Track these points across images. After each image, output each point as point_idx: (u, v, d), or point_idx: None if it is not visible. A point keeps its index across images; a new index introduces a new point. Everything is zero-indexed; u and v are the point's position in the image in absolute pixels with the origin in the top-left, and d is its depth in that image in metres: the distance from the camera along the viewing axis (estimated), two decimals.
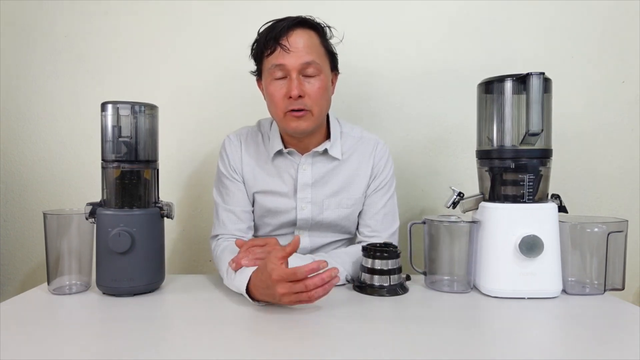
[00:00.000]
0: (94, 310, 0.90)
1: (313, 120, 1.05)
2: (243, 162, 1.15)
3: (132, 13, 1.47)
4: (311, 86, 1.03)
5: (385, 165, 1.16)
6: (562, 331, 0.83)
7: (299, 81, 1.02)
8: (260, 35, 1.06)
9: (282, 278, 0.82)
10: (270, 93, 1.05)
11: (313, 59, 1.02)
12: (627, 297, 1.42)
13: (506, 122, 1.01)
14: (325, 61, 1.07)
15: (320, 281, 0.82)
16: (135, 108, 0.99)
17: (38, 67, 1.48)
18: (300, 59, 1.01)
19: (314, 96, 1.04)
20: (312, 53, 1.03)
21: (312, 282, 0.81)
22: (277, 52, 1.02)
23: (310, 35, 1.04)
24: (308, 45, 1.03)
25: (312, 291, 0.82)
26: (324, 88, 1.05)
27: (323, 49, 1.07)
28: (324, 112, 1.10)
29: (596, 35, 1.44)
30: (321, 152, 1.13)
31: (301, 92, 1.02)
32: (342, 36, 1.16)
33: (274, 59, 1.03)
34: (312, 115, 1.05)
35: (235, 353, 0.70)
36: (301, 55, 1.01)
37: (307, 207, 1.12)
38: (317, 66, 1.03)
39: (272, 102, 1.06)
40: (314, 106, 1.04)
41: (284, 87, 1.03)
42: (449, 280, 1.04)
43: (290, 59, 1.01)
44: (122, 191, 0.99)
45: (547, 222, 0.97)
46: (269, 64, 1.04)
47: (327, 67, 1.08)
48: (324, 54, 1.07)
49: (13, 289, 1.51)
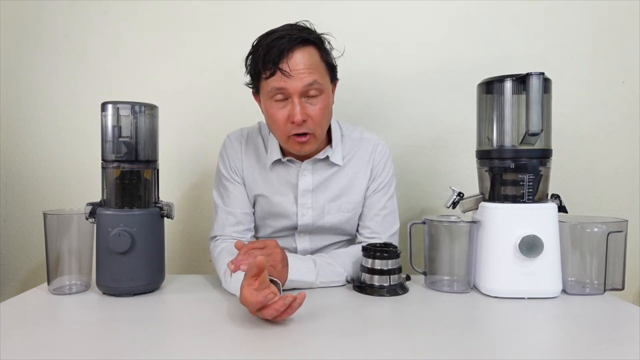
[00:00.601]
0: (94, 310, 0.90)
1: (316, 142, 1.04)
2: (244, 163, 1.14)
3: (132, 13, 1.47)
4: (313, 108, 1.00)
5: (384, 166, 1.15)
6: (562, 331, 0.83)
7: (301, 106, 0.98)
8: (257, 54, 0.99)
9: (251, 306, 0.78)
10: (271, 115, 1.02)
11: (315, 79, 0.98)
12: (627, 297, 1.42)
13: (506, 122, 1.01)
14: (326, 78, 1.03)
15: (275, 312, 0.77)
16: (135, 108, 0.99)
17: (38, 67, 1.48)
18: (302, 82, 0.97)
19: (317, 118, 1.01)
20: (314, 73, 0.98)
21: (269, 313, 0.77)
22: (277, 76, 0.97)
23: (310, 53, 0.99)
24: (309, 65, 0.98)
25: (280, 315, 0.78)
26: (326, 107, 1.02)
27: (324, 64, 1.03)
28: (326, 129, 1.08)
29: (596, 35, 1.44)
30: (322, 159, 1.12)
31: (304, 117, 0.99)
32: (343, 49, 1.12)
33: (273, 82, 0.98)
34: (315, 137, 1.03)
35: (235, 353, 0.70)
36: (302, 78, 0.97)
37: (308, 212, 1.12)
38: (319, 86, 0.99)
39: (273, 123, 1.03)
40: (316, 128, 1.02)
41: (285, 109, 1.00)
42: (449, 280, 1.04)
43: (291, 83, 0.97)
44: (122, 191, 0.99)
45: (547, 222, 0.97)
46: (268, 86, 0.99)
47: (328, 82, 1.05)
48: (325, 71, 1.03)
49: (13, 289, 1.51)
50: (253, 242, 0.98)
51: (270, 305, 0.77)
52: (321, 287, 1.02)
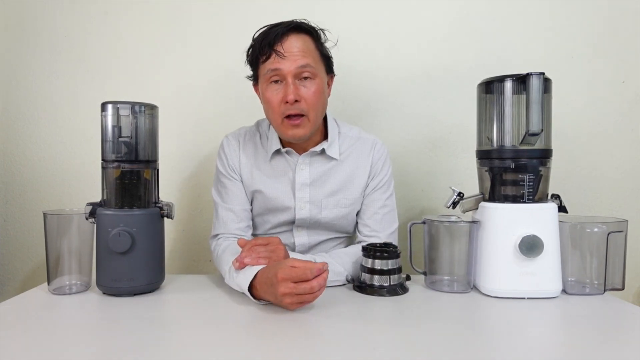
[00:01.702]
0: (94, 310, 0.90)
1: (310, 126, 1.07)
2: (241, 162, 1.15)
3: (132, 13, 1.47)
4: (307, 90, 1.04)
5: (383, 165, 1.17)
6: (562, 331, 0.83)
7: (294, 86, 1.03)
8: (255, 41, 1.07)
9: (288, 277, 0.82)
10: (267, 98, 1.06)
11: (308, 62, 1.03)
12: (627, 297, 1.42)
13: (506, 122, 1.01)
14: (320, 65, 1.08)
15: (324, 281, 0.83)
16: (135, 108, 0.99)
17: (38, 67, 1.48)
18: (295, 63, 1.02)
19: (310, 100, 1.04)
20: (307, 57, 1.03)
21: (318, 283, 0.82)
22: (272, 58, 1.03)
23: (304, 39, 1.05)
24: (302, 49, 1.03)
25: (317, 292, 0.82)
26: (319, 91, 1.06)
27: (318, 52, 1.07)
28: (320, 116, 1.10)
29: (596, 35, 1.44)
30: (319, 152, 1.13)
31: (297, 97, 1.02)
32: (336, 39, 1.16)
33: (269, 64, 1.03)
34: (309, 120, 1.06)
35: (235, 353, 0.70)
36: (296, 60, 1.02)
37: (306, 206, 1.13)
38: (312, 70, 1.04)
39: (269, 107, 1.07)
40: (310, 111, 1.05)
41: (280, 92, 1.04)
42: (449, 280, 1.04)
43: (285, 64, 1.02)
44: (122, 191, 0.99)
45: (547, 222, 0.97)
46: (264, 69, 1.05)
47: (323, 70, 1.09)
48: (319, 58, 1.08)
49: (13, 289, 1.51)
50: (256, 238, 0.99)
51: (320, 277, 0.82)
52: None
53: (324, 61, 1.10)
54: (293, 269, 0.82)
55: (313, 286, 0.81)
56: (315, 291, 0.82)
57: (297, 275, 0.81)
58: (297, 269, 0.82)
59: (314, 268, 0.81)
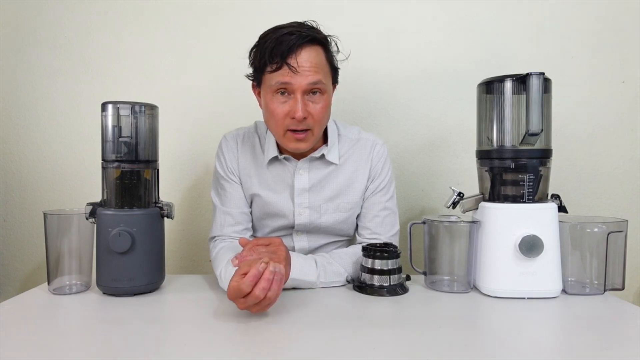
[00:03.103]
0: (94, 310, 0.90)
1: (313, 139, 1.05)
2: (240, 163, 1.14)
3: (132, 13, 1.47)
4: (315, 105, 1.01)
5: (383, 167, 1.15)
6: (562, 331, 0.83)
7: (304, 102, 0.99)
8: (264, 46, 0.99)
9: (234, 296, 0.80)
10: (271, 109, 1.02)
11: (320, 78, 0.99)
12: (627, 297, 1.42)
13: (506, 122, 1.01)
14: (329, 78, 1.04)
15: (267, 283, 0.78)
16: (135, 108, 0.99)
17: (38, 67, 1.48)
18: (307, 80, 0.98)
19: (317, 117, 1.02)
20: (318, 72, 0.99)
21: (260, 289, 0.78)
22: (283, 70, 0.98)
23: (317, 52, 1.00)
24: (315, 64, 0.99)
25: (266, 297, 0.79)
26: (326, 106, 1.03)
27: (328, 65, 1.04)
28: (323, 129, 1.08)
29: (596, 35, 1.44)
30: (318, 157, 1.11)
31: (306, 114, 0.99)
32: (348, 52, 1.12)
33: (278, 76, 0.98)
34: (313, 134, 1.04)
35: (235, 353, 0.70)
36: (308, 76, 0.98)
37: (305, 212, 1.12)
38: (322, 86, 1.01)
39: (272, 118, 1.03)
40: (315, 126, 1.03)
41: (286, 105, 1.00)
42: (449, 280, 1.04)
43: (297, 79, 0.97)
44: (122, 191, 0.99)
45: (547, 222, 0.97)
46: (272, 79, 1.00)
47: (330, 83, 1.06)
48: (329, 71, 1.04)
49: (13, 289, 1.51)
50: (258, 238, 0.98)
51: (261, 280, 0.77)
52: (321, 287, 1.02)
53: (332, 73, 1.06)
54: (235, 285, 0.79)
55: (257, 295, 0.78)
56: (263, 297, 0.78)
57: (239, 292, 0.78)
58: (238, 283, 0.78)
59: (247, 281, 0.77)
